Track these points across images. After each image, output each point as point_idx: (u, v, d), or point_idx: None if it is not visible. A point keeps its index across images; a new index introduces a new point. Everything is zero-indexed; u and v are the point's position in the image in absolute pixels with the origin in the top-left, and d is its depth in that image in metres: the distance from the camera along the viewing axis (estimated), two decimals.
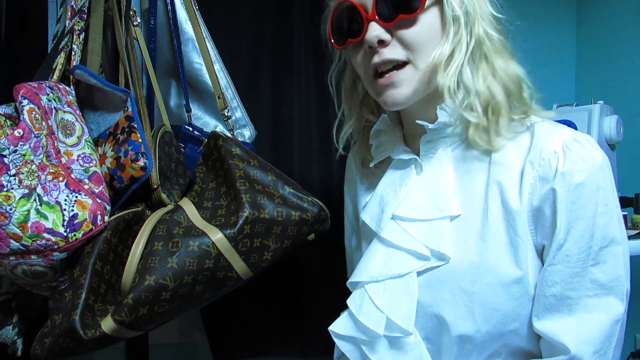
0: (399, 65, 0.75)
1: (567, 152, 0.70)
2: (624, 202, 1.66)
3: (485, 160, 0.77)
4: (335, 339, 0.83)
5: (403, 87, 0.75)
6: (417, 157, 0.83)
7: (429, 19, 0.74)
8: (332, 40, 0.82)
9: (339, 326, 0.82)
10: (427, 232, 0.78)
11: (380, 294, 0.78)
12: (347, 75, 0.91)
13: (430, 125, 0.78)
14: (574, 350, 0.69)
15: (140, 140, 0.97)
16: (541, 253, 0.74)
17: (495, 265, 0.73)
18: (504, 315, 0.73)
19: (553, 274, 0.71)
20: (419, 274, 0.77)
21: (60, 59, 1.08)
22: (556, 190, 0.70)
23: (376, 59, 0.75)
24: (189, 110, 1.31)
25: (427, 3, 0.72)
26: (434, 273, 0.77)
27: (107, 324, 0.86)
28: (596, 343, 0.70)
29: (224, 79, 1.34)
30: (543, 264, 0.73)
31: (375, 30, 0.73)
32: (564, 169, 0.69)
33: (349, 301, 0.82)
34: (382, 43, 0.74)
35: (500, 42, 0.77)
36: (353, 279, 0.82)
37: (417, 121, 0.79)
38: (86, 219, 0.89)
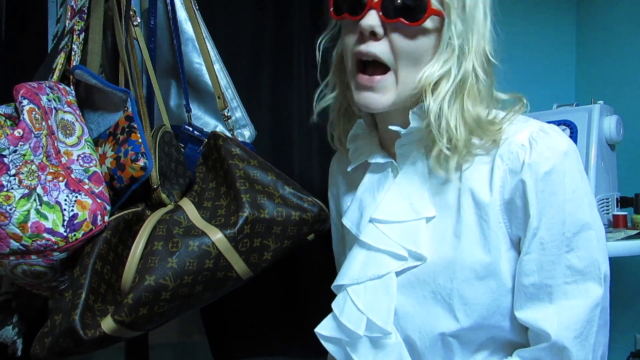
0: (382, 70, 0.75)
1: (533, 143, 0.72)
2: (624, 202, 1.66)
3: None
4: (321, 340, 0.85)
5: (381, 93, 0.75)
6: (393, 161, 0.84)
7: (425, 40, 0.73)
8: (332, 8, 0.79)
9: (324, 328, 0.84)
10: (403, 233, 0.79)
11: (361, 296, 0.80)
12: (339, 45, 0.87)
13: (403, 131, 0.79)
14: (554, 336, 0.71)
15: (140, 140, 0.97)
16: (517, 245, 0.75)
17: (470, 261, 0.74)
18: (484, 308, 0.75)
19: (530, 262, 0.73)
20: (398, 274, 0.79)
21: (60, 59, 1.08)
22: (525, 181, 0.71)
23: (363, 47, 0.74)
24: (188, 110, 1.31)
25: (428, 24, 0.71)
26: (413, 273, 0.78)
27: (107, 324, 0.86)
28: (577, 328, 0.71)
29: (223, 79, 1.34)
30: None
31: (371, 20, 0.71)
32: (530, 160, 0.71)
33: (333, 304, 0.84)
34: (373, 35, 0.73)
35: (483, 83, 0.75)
36: (336, 282, 0.84)
37: (390, 127, 0.80)
38: (86, 219, 0.89)
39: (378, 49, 0.73)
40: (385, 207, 0.82)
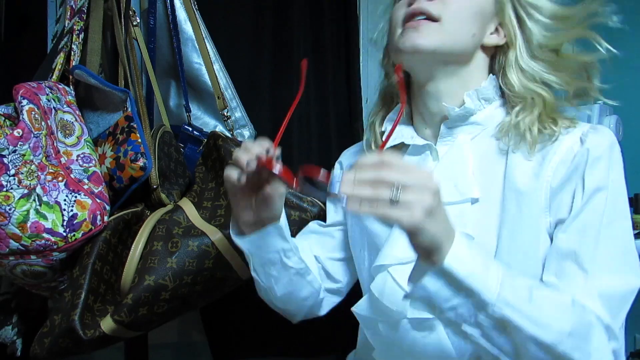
0: (431, 19, 0.75)
1: (584, 139, 0.73)
2: None
3: (504, 150, 0.78)
4: (359, 319, 0.83)
5: (425, 34, 0.75)
6: (432, 144, 0.84)
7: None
8: None
9: (361, 308, 0.82)
10: (451, 214, 0.78)
11: (406, 276, 0.78)
12: (383, 88, 0.93)
13: (457, 110, 0.78)
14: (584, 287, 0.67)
15: (139, 140, 0.97)
16: (553, 232, 0.74)
17: (511, 248, 0.74)
18: None
19: (564, 241, 0.71)
20: None
21: (60, 59, 1.08)
22: (576, 167, 0.72)
23: (415, 4, 0.75)
24: (188, 110, 1.31)
25: None
26: None
27: (107, 324, 0.86)
28: (609, 299, 0.67)
29: (223, 79, 1.34)
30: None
31: None
32: (582, 149, 0.72)
33: (371, 286, 0.81)
34: None
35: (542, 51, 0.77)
36: (377, 262, 0.81)
37: (444, 104, 0.79)
38: (85, 219, 0.89)
39: (431, 5, 0.75)
40: None
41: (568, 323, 0.61)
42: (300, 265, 0.85)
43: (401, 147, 0.88)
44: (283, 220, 0.81)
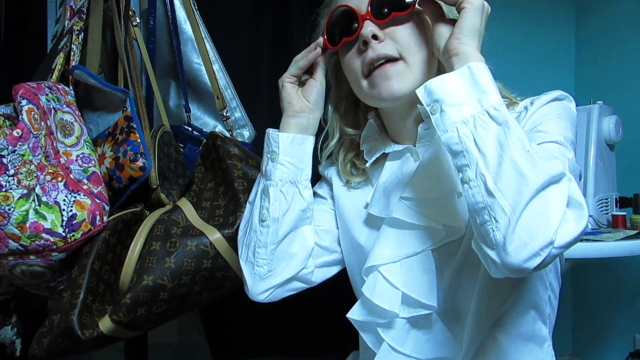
0: (392, 60, 0.77)
1: (534, 100, 0.77)
2: (623, 202, 1.66)
3: None
4: (355, 326, 0.83)
5: (398, 79, 0.77)
6: (411, 146, 0.84)
7: (420, 22, 0.76)
8: (326, 38, 0.83)
9: (355, 313, 0.82)
10: (437, 209, 0.78)
11: (397, 274, 0.79)
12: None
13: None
14: None
15: (139, 140, 0.97)
16: None
17: None
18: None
19: None
20: (434, 250, 0.78)
21: (59, 59, 1.08)
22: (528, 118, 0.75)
23: (370, 53, 0.76)
24: (188, 111, 1.31)
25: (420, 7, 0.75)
26: (449, 248, 0.78)
27: (105, 324, 0.86)
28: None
29: (223, 79, 1.34)
30: None
31: (369, 26, 0.76)
32: (532, 109, 0.75)
33: (363, 288, 0.81)
34: (375, 38, 0.76)
35: None
36: (368, 264, 0.81)
37: (419, 106, 0.79)
38: (85, 219, 0.89)
39: (385, 48, 0.76)
40: (414, 186, 0.80)
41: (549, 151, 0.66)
42: (310, 202, 0.87)
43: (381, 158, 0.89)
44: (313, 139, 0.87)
